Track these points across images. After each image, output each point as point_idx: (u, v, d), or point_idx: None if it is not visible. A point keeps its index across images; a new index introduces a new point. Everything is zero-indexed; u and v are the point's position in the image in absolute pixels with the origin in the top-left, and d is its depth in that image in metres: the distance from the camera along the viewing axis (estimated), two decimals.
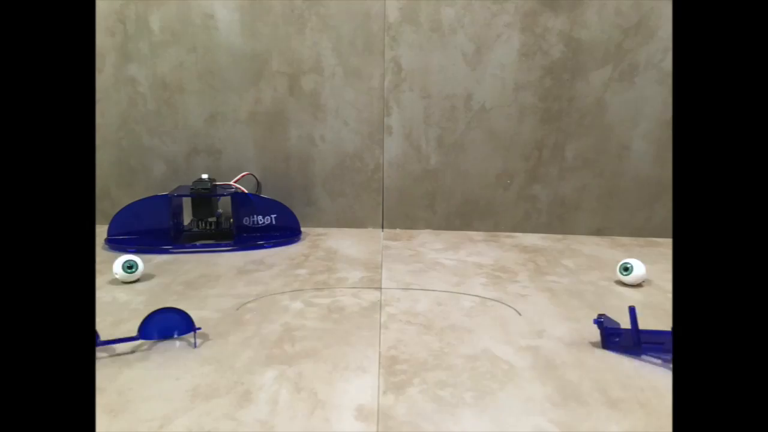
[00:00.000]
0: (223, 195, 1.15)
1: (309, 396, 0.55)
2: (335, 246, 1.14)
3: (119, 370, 0.61)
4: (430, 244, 1.18)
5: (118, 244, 1.08)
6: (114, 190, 1.26)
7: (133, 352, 0.65)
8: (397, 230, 1.30)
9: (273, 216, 1.17)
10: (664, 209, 1.28)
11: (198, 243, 1.13)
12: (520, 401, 0.55)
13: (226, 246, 1.11)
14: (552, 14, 1.18)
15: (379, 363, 0.63)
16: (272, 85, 1.22)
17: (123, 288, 0.87)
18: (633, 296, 0.87)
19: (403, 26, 1.19)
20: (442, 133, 1.25)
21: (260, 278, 0.93)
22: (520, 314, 0.78)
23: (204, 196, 1.13)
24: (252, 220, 1.16)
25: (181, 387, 0.57)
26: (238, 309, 0.78)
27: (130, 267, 0.88)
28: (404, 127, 1.25)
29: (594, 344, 0.69)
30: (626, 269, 0.91)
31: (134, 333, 0.65)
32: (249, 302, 0.81)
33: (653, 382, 0.60)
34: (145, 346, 0.66)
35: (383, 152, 1.26)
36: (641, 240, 1.25)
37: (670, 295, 0.87)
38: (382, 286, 0.90)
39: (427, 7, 1.18)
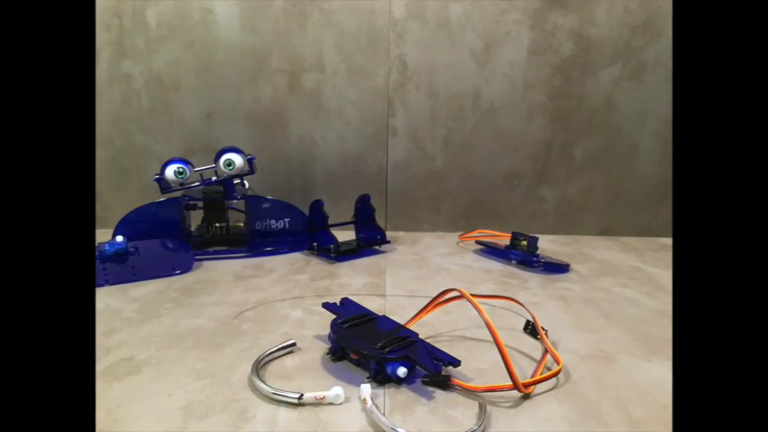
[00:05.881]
0: (238, 199, 1.10)
1: (310, 415, 0.52)
2: None
3: (108, 384, 0.57)
4: (435, 248, 1.14)
5: None
6: (106, 191, 1.22)
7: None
8: (401, 233, 1.26)
9: (286, 220, 1.12)
10: (669, 208, 1.25)
11: (211, 249, 1.07)
12: (537, 421, 0.52)
13: (240, 252, 1.05)
14: (562, 11, 1.14)
15: None
16: (272, 83, 1.18)
17: (115, 295, 0.83)
18: (648, 304, 0.83)
19: (409, 22, 1.15)
20: (449, 133, 1.21)
21: (259, 284, 0.89)
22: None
23: (217, 200, 1.08)
24: (264, 224, 1.11)
25: (174, 404, 0.53)
26: (235, 318, 0.75)
27: (180, 173, 0.97)
28: (410, 128, 1.21)
29: (611, 357, 0.65)
30: None
31: (127, 343, 0.61)
32: (247, 310, 0.77)
33: None
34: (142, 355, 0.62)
35: (387, 154, 1.22)
36: (652, 243, 1.22)
37: None
38: (386, 293, 0.86)
39: (434, 3, 1.14)
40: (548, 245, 1.18)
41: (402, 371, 0.56)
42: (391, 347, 0.58)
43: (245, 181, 1.08)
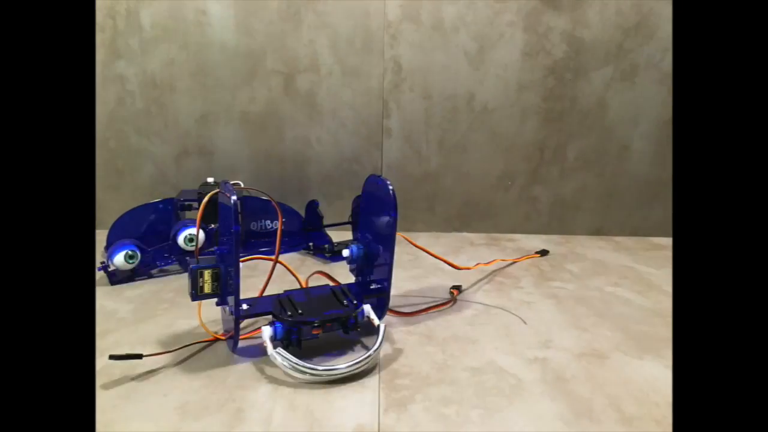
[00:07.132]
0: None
1: (305, 414, 0.52)
2: None
3: (103, 385, 0.57)
4: (430, 248, 1.14)
5: None
6: (100, 193, 1.22)
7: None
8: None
9: (282, 221, 1.12)
10: (661, 208, 1.27)
11: (206, 250, 1.07)
12: (530, 419, 0.52)
13: None
14: (554, 13, 1.15)
15: (379, 377, 0.59)
16: (267, 84, 1.18)
17: (110, 295, 0.83)
18: (641, 303, 0.84)
19: (404, 24, 1.15)
20: (443, 134, 1.22)
21: (254, 284, 0.89)
22: (525, 323, 0.75)
23: (213, 200, 1.07)
24: (260, 225, 1.11)
25: (169, 404, 0.53)
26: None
27: (131, 257, 0.88)
28: (404, 129, 1.21)
29: (604, 355, 0.65)
30: None
31: (122, 344, 0.61)
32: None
33: (668, 397, 0.57)
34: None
35: (382, 155, 1.23)
36: (644, 242, 1.23)
37: None
38: None
39: (428, 4, 1.14)
40: (542, 245, 1.18)
41: (368, 308, 0.68)
42: (351, 301, 0.68)
43: (240, 182, 1.08)
